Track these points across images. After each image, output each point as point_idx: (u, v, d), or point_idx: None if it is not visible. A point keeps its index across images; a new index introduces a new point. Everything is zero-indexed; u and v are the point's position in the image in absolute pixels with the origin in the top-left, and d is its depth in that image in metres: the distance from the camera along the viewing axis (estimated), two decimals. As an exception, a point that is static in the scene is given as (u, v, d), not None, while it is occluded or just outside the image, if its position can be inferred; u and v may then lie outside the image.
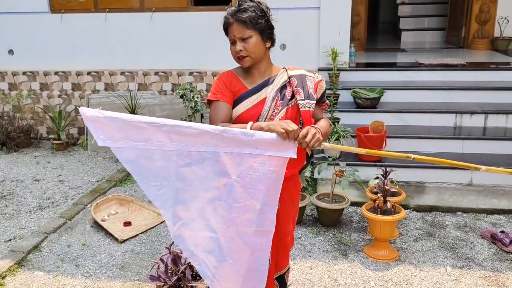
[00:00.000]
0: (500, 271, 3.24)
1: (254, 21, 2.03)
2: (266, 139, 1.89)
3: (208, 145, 1.91)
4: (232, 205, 1.97)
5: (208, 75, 6.04)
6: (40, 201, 4.55)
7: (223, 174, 1.94)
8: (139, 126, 1.89)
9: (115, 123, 1.89)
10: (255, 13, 2.04)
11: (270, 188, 1.95)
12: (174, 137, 1.90)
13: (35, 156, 5.87)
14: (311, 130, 1.90)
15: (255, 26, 2.04)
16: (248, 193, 1.95)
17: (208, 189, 1.98)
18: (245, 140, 1.89)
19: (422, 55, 6.61)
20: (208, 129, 1.88)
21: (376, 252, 3.45)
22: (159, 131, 1.89)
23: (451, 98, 5.25)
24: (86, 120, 1.87)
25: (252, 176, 1.93)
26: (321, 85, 2.22)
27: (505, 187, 4.42)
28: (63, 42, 6.19)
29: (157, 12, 5.94)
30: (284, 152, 1.92)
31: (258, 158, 1.91)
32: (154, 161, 1.96)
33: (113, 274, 3.33)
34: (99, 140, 1.90)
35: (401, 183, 4.41)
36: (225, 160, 1.92)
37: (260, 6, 2.08)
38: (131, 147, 1.93)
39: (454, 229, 3.81)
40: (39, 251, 3.64)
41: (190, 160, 1.94)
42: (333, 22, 5.56)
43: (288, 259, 2.45)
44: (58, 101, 6.40)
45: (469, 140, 4.76)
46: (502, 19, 6.89)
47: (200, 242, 2.06)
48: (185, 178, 1.98)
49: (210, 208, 2.01)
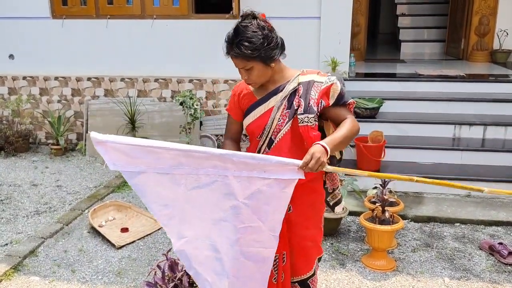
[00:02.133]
0: (498, 283, 3.22)
1: (252, 54, 1.95)
2: (274, 162, 1.92)
3: (217, 168, 1.93)
4: (238, 226, 1.99)
5: (208, 82, 6.05)
6: (37, 206, 4.54)
7: (231, 196, 1.96)
8: (149, 150, 1.91)
9: (125, 147, 1.91)
10: (252, 45, 1.93)
11: (276, 210, 1.98)
12: (183, 160, 1.92)
13: (33, 161, 5.86)
14: (315, 155, 1.85)
15: (255, 58, 1.96)
16: (255, 215, 1.98)
17: (214, 211, 2.01)
18: (254, 163, 1.92)
19: (421, 66, 6.64)
20: (217, 153, 1.91)
21: (374, 262, 3.43)
22: (168, 154, 1.91)
23: (450, 109, 5.27)
24: (96, 144, 1.89)
25: (259, 198, 1.95)
26: (334, 88, 2.08)
27: (504, 198, 4.42)
28: (64, 48, 6.21)
29: (158, 19, 5.97)
30: (291, 174, 1.94)
31: (266, 181, 1.94)
32: (163, 184, 1.98)
33: (109, 280, 3.31)
34: (110, 164, 1.93)
35: (399, 193, 4.40)
36: (233, 183, 1.94)
37: (259, 33, 1.95)
38: (140, 171, 1.95)
39: (452, 240, 3.81)
40: (36, 256, 3.62)
41: (199, 183, 1.97)
42: (333, 32, 5.59)
43: (310, 265, 2.35)
44: (58, 106, 6.40)
45: (468, 151, 4.76)
46: (502, 31, 6.93)
47: (203, 261, 2.08)
48: (192, 200, 2.00)
49: (215, 229, 2.03)
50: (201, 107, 6.05)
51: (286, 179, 1.93)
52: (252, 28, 1.96)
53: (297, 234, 2.25)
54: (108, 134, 1.93)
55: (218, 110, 6.12)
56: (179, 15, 5.96)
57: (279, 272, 2.30)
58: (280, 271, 2.30)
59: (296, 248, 2.28)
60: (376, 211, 3.43)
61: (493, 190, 2.02)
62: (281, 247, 2.24)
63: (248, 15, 2.01)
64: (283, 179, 1.93)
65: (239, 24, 1.99)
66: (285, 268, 2.31)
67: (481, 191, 2.00)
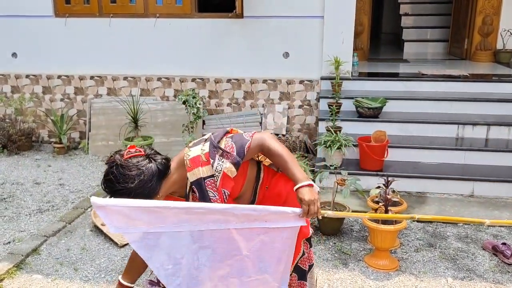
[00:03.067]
0: (501, 283, 3.21)
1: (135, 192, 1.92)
2: (275, 212, 1.93)
3: (219, 222, 1.93)
4: (244, 280, 2.00)
5: (210, 81, 6.05)
6: (40, 204, 4.54)
7: (235, 251, 1.97)
8: (150, 210, 1.90)
9: (126, 210, 1.90)
10: (128, 190, 1.91)
11: (281, 260, 2.00)
12: (184, 217, 1.92)
13: (36, 159, 5.86)
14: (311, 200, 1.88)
15: (137, 196, 1.91)
16: (259, 267, 1.99)
17: (220, 267, 2.01)
18: (255, 215, 1.92)
19: (424, 66, 6.62)
20: (218, 208, 1.91)
21: (376, 262, 3.43)
22: (170, 213, 1.90)
23: (453, 109, 5.25)
24: (97, 209, 1.88)
25: (262, 249, 1.96)
26: (228, 169, 1.97)
27: (507, 199, 4.41)
28: (67, 46, 6.21)
29: (161, 18, 5.97)
30: (293, 222, 1.95)
31: (269, 232, 1.95)
32: (165, 243, 1.97)
33: (112, 278, 3.31)
34: (111, 228, 1.91)
35: (402, 193, 4.40)
36: (236, 237, 1.95)
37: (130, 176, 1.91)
38: (142, 232, 1.95)
39: (455, 240, 3.79)
40: (38, 254, 3.62)
41: (202, 242, 1.97)
42: (336, 31, 5.58)
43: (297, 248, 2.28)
44: (60, 104, 6.41)
45: (471, 151, 4.75)
46: (505, 31, 6.90)
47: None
48: (197, 258, 2.00)
49: (222, 285, 2.04)
50: (204, 106, 6.05)
51: (287, 227, 1.95)
52: (122, 175, 1.91)
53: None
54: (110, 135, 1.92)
55: (221, 109, 6.12)
56: (182, 14, 5.95)
57: None
58: None
59: None
60: (379, 210, 3.43)
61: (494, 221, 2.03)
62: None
63: (112, 161, 1.96)
64: (284, 228, 1.95)
65: (107, 171, 1.95)
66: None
67: (483, 224, 1.99)
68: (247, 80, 5.97)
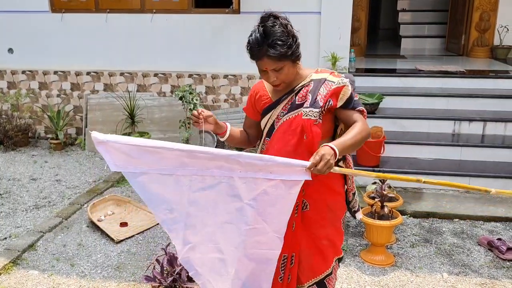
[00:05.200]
0: (497, 279, 3.23)
1: (285, 54, 1.95)
2: (281, 163, 1.89)
3: (222, 169, 1.90)
4: (243, 228, 1.97)
5: (207, 77, 6.04)
6: (36, 200, 4.54)
7: (236, 198, 1.94)
8: (151, 150, 1.88)
9: (126, 147, 1.87)
10: (284, 44, 1.94)
11: (282, 212, 1.96)
12: (187, 161, 1.89)
13: (33, 155, 5.85)
14: (325, 157, 1.83)
15: (287, 57, 1.97)
16: (260, 216, 1.95)
17: (219, 213, 1.98)
18: (260, 165, 1.89)
19: (421, 62, 6.62)
20: (223, 154, 1.88)
21: (372, 257, 3.44)
22: (171, 155, 1.88)
23: (450, 105, 5.26)
24: (97, 144, 1.86)
25: (264, 200, 1.93)
26: (345, 91, 2.04)
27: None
28: (63, 42, 6.19)
29: (158, 13, 5.95)
30: (298, 175, 1.91)
31: (272, 182, 1.91)
32: (166, 185, 1.95)
33: (108, 274, 3.31)
34: (111, 165, 1.89)
35: (398, 189, 4.40)
36: (238, 185, 1.92)
37: (287, 30, 1.96)
38: (142, 172, 1.91)
39: (451, 236, 3.81)
40: (35, 250, 3.62)
41: (203, 185, 1.94)
42: (333, 27, 5.58)
43: (327, 264, 2.28)
44: (57, 100, 6.39)
45: (467, 147, 4.76)
46: (502, 27, 6.91)
47: (207, 263, 2.06)
48: (197, 203, 1.97)
49: (220, 232, 2.01)
50: (201, 102, 6.04)
51: (292, 180, 1.91)
52: (281, 28, 1.95)
53: (313, 232, 2.20)
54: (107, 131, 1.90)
55: (217, 105, 6.11)
56: (179, 10, 5.94)
57: (286, 272, 2.25)
58: (286, 272, 2.26)
59: (312, 247, 2.23)
60: (375, 206, 3.44)
61: (500, 191, 2.00)
62: (291, 248, 2.20)
63: (270, 15, 2.00)
64: (289, 180, 1.91)
65: (264, 25, 1.96)
66: (292, 270, 2.26)
67: (488, 192, 1.97)
68: (244, 76, 5.96)
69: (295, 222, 2.19)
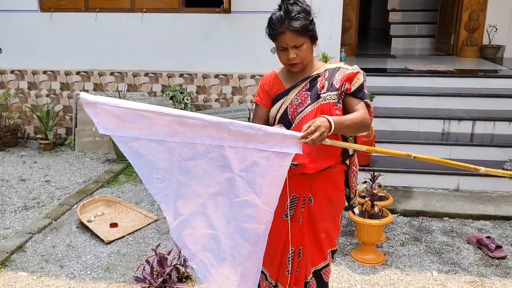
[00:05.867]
0: (486, 276, 3.26)
1: (306, 28, 2.03)
2: (273, 133, 1.88)
3: (213, 138, 1.87)
4: (233, 200, 1.96)
5: (198, 77, 6.03)
6: (25, 201, 4.49)
7: (226, 168, 1.92)
8: (142, 115, 1.81)
9: (116, 110, 1.80)
10: (306, 19, 2.02)
11: (272, 184, 1.94)
12: (178, 128, 1.85)
13: (22, 156, 5.80)
14: (320, 128, 1.84)
15: (307, 33, 2.04)
16: (250, 187, 1.93)
17: (210, 184, 1.96)
18: (251, 134, 1.86)
19: (411, 62, 6.66)
20: (214, 121, 1.84)
21: (363, 256, 3.45)
22: (163, 121, 1.83)
23: (439, 104, 5.29)
24: (86, 106, 1.78)
25: (255, 171, 1.91)
26: (358, 77, 2.13)
27: (492, 193, 4.46)
28: (53, 41, 6.14)
29: (148, 12, 5.92)
30: (289, 148, 1.90)
31: (263, 154, 1.89)
32: (157, 152, 1.90)
33: (98, 275, 3.29)
34: (100, 128, 1.82)
35: (388, 188, 4.43)
36: (229, 154, 1.90)
37: (307, 9, 2.05)
38: (133, 137, 1.86)
39: (440, 234, 3.83)
40: (23, 251, 3.59)
41: (194, 153, 1.90)
42: (324, 27, 5.56)
43: (324, 256, 2.36)
44: (46, 100, 6.34)
45: (456, 146, 4.79)
46: (491, 27, 6.96)
47: (200, 240, 2.04)
48: (188, 171, 1.94)
49: (211, 204, 1.99)
50: (192, 102, 6.02)
51: (283, 152, 1.90)
52: (301, 7, 2.04)
53: (314, 225, 2.28)
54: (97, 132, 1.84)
55: (208, 105, 6.10)
56: (169, 9, 5.91)
57: (293, 265, 2.30)
58: (294, 265, 2.30)
59: (311, 238, 2.30)
60: (366, 205, 3.45)
61: (489, 170, 2.03)
62: (299, 242, 2.27)
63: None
64: (280, 152, 1.90)
65: (285, 3, 2.04)
66: (300, 264, 2.31)
67: (478, 171, 1.99)
68: (235, 76, 5.95)
69: (302, 217, 2.25)
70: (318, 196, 2.23)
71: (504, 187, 4.47)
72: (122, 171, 5.21)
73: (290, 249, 2.25)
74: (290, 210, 2.23)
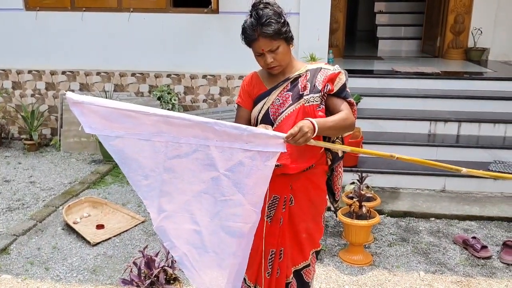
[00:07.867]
0: (472, 276, 3.29)
1: (279, 32, 2.02)
2: (258, 134, 1.90)
3: (198, 138, 1.89)
4: (218, 198, 1.96)
5: (186, 77, 6.00)
6: (9, 203, 4.42)
7: (212, 168, 1.93)
8: (127, 114, 1.83)
9: (102, 110, 1.82)
10: (278, 23, 2.02)
11: (258, 184, 1.95)
12: (163, 128, 1.86)
13: (6, 157, 5.71)
14: (303, 129, 1.88)
15: (280, 36, 2.04)
16: (236, 187, 1.94)
17: (195, 182, 1.97)
18: (236, 134, 1.88)
19: (398, 63, 6.71)
20: (199, 121, 1.85)
21: (351, 257, 3.46)
22: (149, 120, 1.84)
23: (426, 106, 5.34)
24: (72, 105, 1.79)
25: (240, 171, 1.92)
26: (340, 77, 2.15)
27: (477, 194, 4.51)
28: (38, 41, 6.06)
29: (135, 12, 5.87)
30: (273, 147, 1.92)
31: (248, 153, 1.91)
32: (142, 151, 1.91)
33: (84, 277, 3.25)
34: (86, 127, 1.83)
35: (376, 189, 4.45)
36: (214, 154, 1.91)
37: (278, 11, 2.05)
38: (118, 136, 1.87)
39: (427, 235, 3.86)
40: (8, 253, 3.53)
41: (179, 152, 1.91)
42: (312, 28, 5.60)
43: (305, 256, 2.35)
44: (31, 100, 6.25)
45: (442, 147, 4.84)
46: (476, 30, 7.06)
47: (182, 235, 2.04)
48: (172, 170, 1.95)
49: (195, 201, 1.99)
50: (179, 102, 6.00)
51: (268, 151, 1.92)
52: (272, 10, 2.04)
53: (295, 226, 2.28)
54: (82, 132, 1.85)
55: (196, 106, 6.07)
56: (157, 9, 5.87)
57: (274, 267, 2.30)
58: (275, 267, 2.30)
59: (292, 239, 2.30)
60: (354, 206, 3.46)
61: (470, 170, 2.06)
62: (279, 243, 2.27)
63: (260, 1, 2.08)
64: (265, 152, 1.91)
65: (256, 9, 2.04)
66: (281, 265, 2.31)
67: (459, 171, 2.02)
68: (223, 76, 5.94)
69: (283, 217, 2.25)
70: (299, 196, 2.24)
71: (489, 188, 4.52)
72: (109, 172, 5.16)
73: (270, 250, 2.25)
74: (270, 210, 2.25)
